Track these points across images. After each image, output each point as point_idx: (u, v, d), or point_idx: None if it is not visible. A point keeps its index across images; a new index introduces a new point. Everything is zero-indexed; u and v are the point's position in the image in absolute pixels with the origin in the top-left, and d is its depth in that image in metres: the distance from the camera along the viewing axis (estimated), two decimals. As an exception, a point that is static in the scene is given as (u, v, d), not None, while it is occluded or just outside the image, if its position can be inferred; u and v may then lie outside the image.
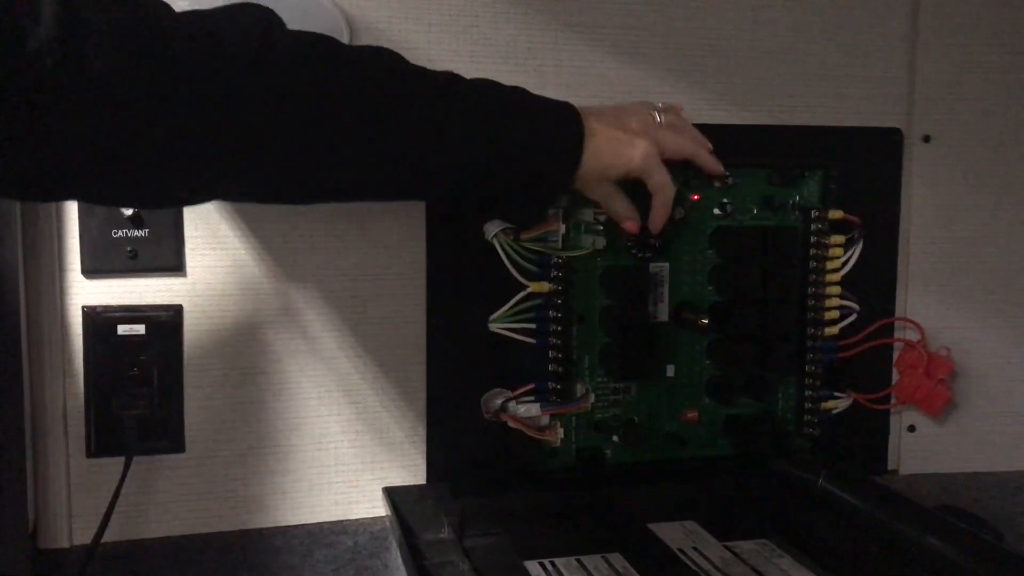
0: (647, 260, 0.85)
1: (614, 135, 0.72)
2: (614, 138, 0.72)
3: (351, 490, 0.84)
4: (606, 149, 0.71)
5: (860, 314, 0.90)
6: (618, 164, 0.72)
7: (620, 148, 0.72)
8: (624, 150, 0.72)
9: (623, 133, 0.72)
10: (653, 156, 0.73)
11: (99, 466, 0.78)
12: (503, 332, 0.83)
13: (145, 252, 0.77)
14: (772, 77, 0.90)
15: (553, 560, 0.72)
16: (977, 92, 0.93)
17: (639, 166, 0.73)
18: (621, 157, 0.72)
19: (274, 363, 0.81)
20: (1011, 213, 0.95)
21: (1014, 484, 0.97)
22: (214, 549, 0.81)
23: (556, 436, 0.85)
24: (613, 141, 0.72)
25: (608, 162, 0.72)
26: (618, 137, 0.72)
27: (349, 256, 0.82)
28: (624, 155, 0.72)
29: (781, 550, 0.75)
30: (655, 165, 0.74)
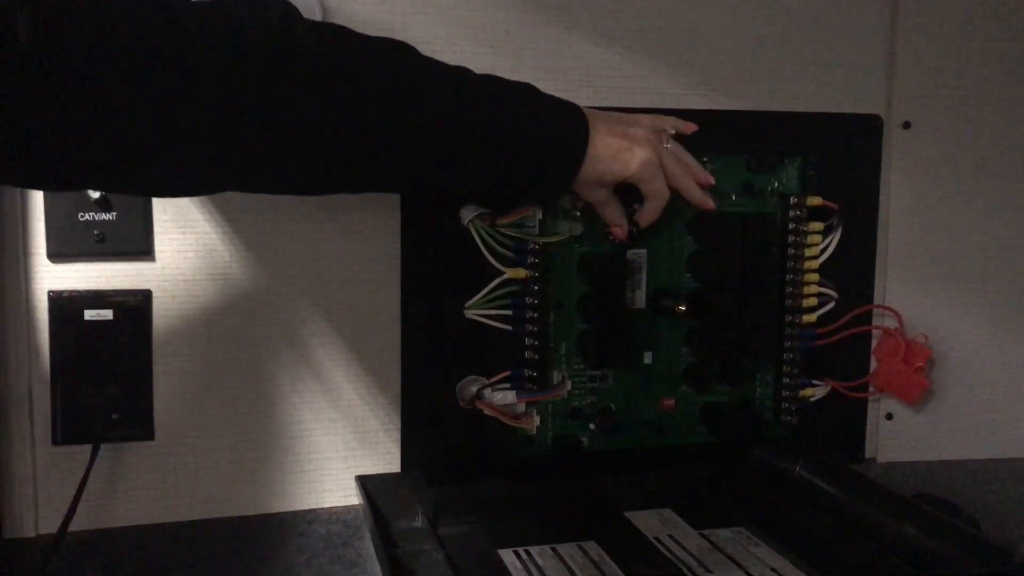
0: (625, 247, 0.84)
1: (616, 141, 0.73)
2: (616, 144, 0.73)
3: (324, 478, 0.83)
4: (606, 153, 0.72)
5: (838, 302, 0.90)
6: (616, 169, 0.73)
7: (620, 153, 0.73)
8: (624, 156, 0.73)
9: (625, 140, 0.73)
10: (652, 164, 0.74)
11: (66, 454, 0.76)
12: (479, 319, 0.82)
13: (113, 236, 0.76)
14: (751, 62, 0.89)
15: (528, 549, 0.72)
16: (957, 79, 0.93)
17: (637, 172, 0.74)
18: (620, 162, 0.73)
19: (245, 350, 0.80)
20: (990, 200, 0.94)
21: (990, 472, 0.97)
22: (184, 538, 0.79)
23: (532, 424, 0.84)
24: (614, 146, 0.73)
25: (607, 167, 0.73)
26: (619, 143, 0.73)
27: (322, 241, 0.81)
28: (623, 160, 0.73)
29: (758, 538, 0.75)
30: (653, 173, 0.75)
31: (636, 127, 0.75)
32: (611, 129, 0.73)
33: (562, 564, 0.70)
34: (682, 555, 0.71)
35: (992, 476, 0.97)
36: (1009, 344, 0.96)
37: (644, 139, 0.74)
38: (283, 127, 0.58)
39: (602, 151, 0.72)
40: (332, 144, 0.61)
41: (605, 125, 0.73)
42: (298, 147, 0.60)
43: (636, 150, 0.73)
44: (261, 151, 0.58)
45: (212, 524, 0.80)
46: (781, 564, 0.70)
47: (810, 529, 0.77)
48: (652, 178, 0.75)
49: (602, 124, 0.73)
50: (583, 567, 0.69)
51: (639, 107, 0.85)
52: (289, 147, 0.59)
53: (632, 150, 0.73)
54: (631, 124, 0.75)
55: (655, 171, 0.75)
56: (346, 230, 0.81)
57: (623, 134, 0.73)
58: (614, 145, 0.72)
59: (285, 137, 0.58)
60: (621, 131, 0.73)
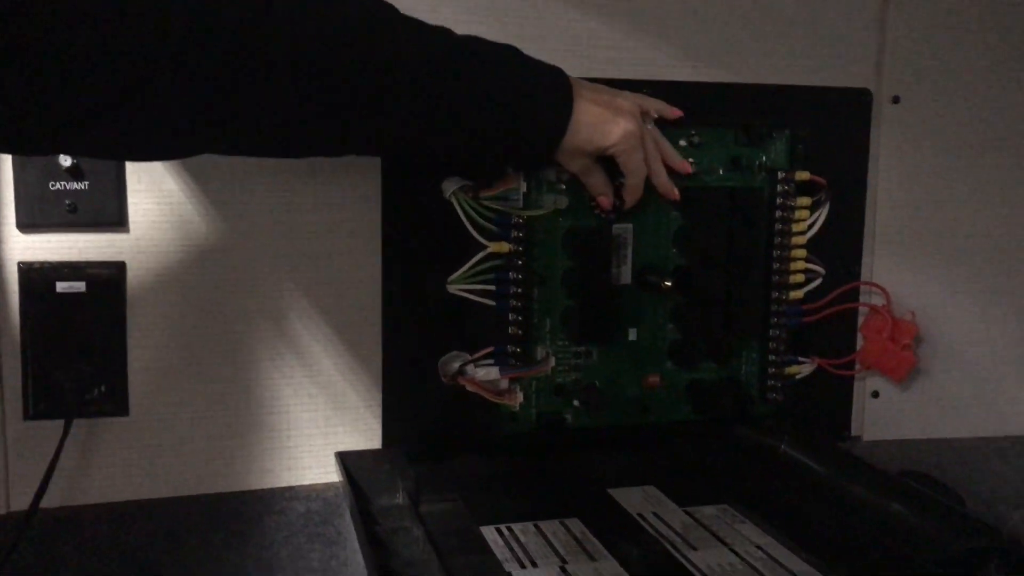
0: (611, 221, 0.83)
1: (600, 110, 0.72)
2: (599, 112, 0.72)
3: (304, 455, 0.81)
4: (589, 121, 0.71)
5: (825, 278, 0.89)
6: (597, 138, 0.72)
7: (603, 124, 0.72)
8: (607, 127, 0.72)
9: (609, 110, 0.72)
10: (633, 138, 0.73)
11: (37, 429, 0.75)
12: (461, 294, 0.81)
13: (85, 206, 0.74)
14: (741, 35, 0.87)
15: (510, 526, 0.71)
16: (947, 54, 0.92)
17: (618, 143, 0.73)
18: (601, 132, 0.72)
19: (222, 324, 0.78)
20: (979, 176, 0.94)
21: (976, 450, 0.97)
22: (159, 516, 0.78)
23: (515, 400, 0.83)
24: (598, 115, 0.72)
25: (588, 135, 0.72)
26: (603, 112, 0.72)
27: (301, 213, 0.79)
28: (605, 130, 0.72)
29: (742, 515, 0.74)
30: (634, 146, 0.74)
31: (621, 98, 0.74)
32: (595, 97, 0.72)
33: (545, 541, 0.69)
34: (666, 532, 0.71)
35: (977, 454, 0.97)
36: (996, 322, 0.96)
37: (628, 111, 0.73)
38: (258, 85, 0.56)
39: (585, 119, 0.71)
40: (308, 103, 0.59)
41: (589, 93, 0.72)
42: (273, 106, 0.58)
43: (620, 121, 0.72)
44: (234, 109, 0.57)
45: (188, 501, 0.79)
46: (766, 541, 0.70)
47: (795, 506, 0.77)
48: (632, 151, 0.74)
49: (586, 91, 0.71)
50: (566, 544, 0.68)
51: (626, 78, 0.84)
52: (264, 106, 0.57)
53: (616, 120, 0.72)
54: (616, 95, 0.74)
55: (636, 144, 0.74)
56: (326, 202, 0.79)
57: (607, 104, 0.72)
58: (598, 114, 0.71)
59: (260, 95, 0.57)
60: (606, 100, 0.72)
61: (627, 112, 0.73)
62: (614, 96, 0.74)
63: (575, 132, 0.71)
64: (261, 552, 0.80)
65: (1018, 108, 0.94)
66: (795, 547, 0.68)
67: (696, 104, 0.86)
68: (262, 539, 0.80)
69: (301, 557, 0.81)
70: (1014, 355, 0.97)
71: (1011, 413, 0.97)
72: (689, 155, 0.85)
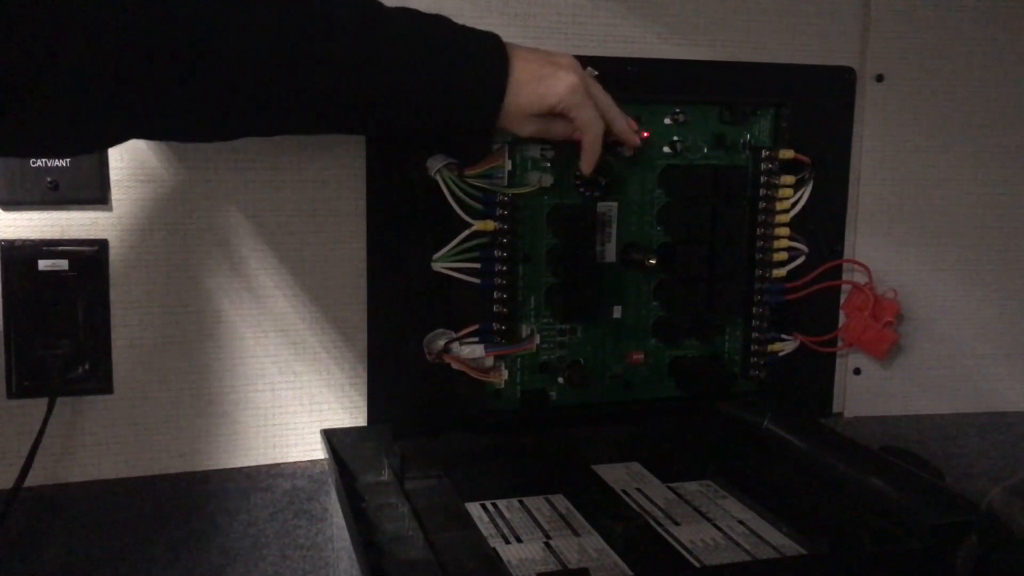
0: (595, 199, 0.83)
1: (538, 69, 0.70)
2: (538, 71, 0.69)
3: (289, 432, 0.81)
4: (529, 78, 0.69)
5: (808, 256, 0.90)
6: (541, 92, 0.70)
7: (544, 80, 0.69)
8: (548, 82, 0.70)
9: (549, 67, 0.70)
10: (579, 91, 0.71)
11: (21, 407, 0.74)
12: (446, 271, 0.81)
13: (67, 183, 0.73)
14: (724, 13, 0.87)
15: (495, 502, 0.71)
16: (931, 32, 0.92)
17: (565, 97, 0.70)
18: (545, 86, 0.69)
19: (207, 301, 0.78)
20: (962, 155, 0.94)
21: (956, 426, 0.98)
22: (144, 493, 0.78)
23: (500, 378, 0.83)
24: (537, 74, 0.69)
25: (531, 90, 0.69)
26: (542, 71, 0.70)
27: (285, 190, 0.78)
28: (548, 85, 0.70)
29: (725, 491, 0.75)
30: (581, 100, 0.71)
31: (559, 56, 0.72)
32: (532, 56, 0.70)
33: (529, 517, 0.69)
34: (649, 508, 0.71)
35: (957, 430, 0.98)
36: (977, 300, 0.97)
37: (568, 65, 0.71)
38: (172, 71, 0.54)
39: (524, 76, 0.69)
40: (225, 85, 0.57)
41: (525, 51, 0.70)
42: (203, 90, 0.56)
43: (561, 74, 0.70)
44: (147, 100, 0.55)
45: (173, 479, 0.79)
46: (748, 516, 0.70)
47: (777, 482, 0.77)
48: (582, 104, 0.72)
49: (522, 51, 0.70)
50: (550, 520, 0.69)
51: (611, 56, 0.84)
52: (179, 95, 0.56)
53: (557, 75, 0.70)
54: (555, 54, 0.72)
55: (583, 97, 0.72)
56: (310, 180, 0.79)
57: (545, 60, 0.70)
58: (536, 70, 0.69)
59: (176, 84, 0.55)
60: (543, 57, 0.70)
61: (567, 66, 0.71)
62: (550, 53, 0.72)
63: (516, 92, 0.69)
64: (247, 529, 0.81)
65: (1001, 86, 0.94)
66: (777, 522, 0.69)
67: (680, 82, 0.86)
68: (248, 516, 0.81)
69: (287, 534, 0.82)
70: (994, 332, 0.98)
71: (990, 390, 0.98)
72: (673, 133, 0.85)
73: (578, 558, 0.63)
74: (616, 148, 0.82)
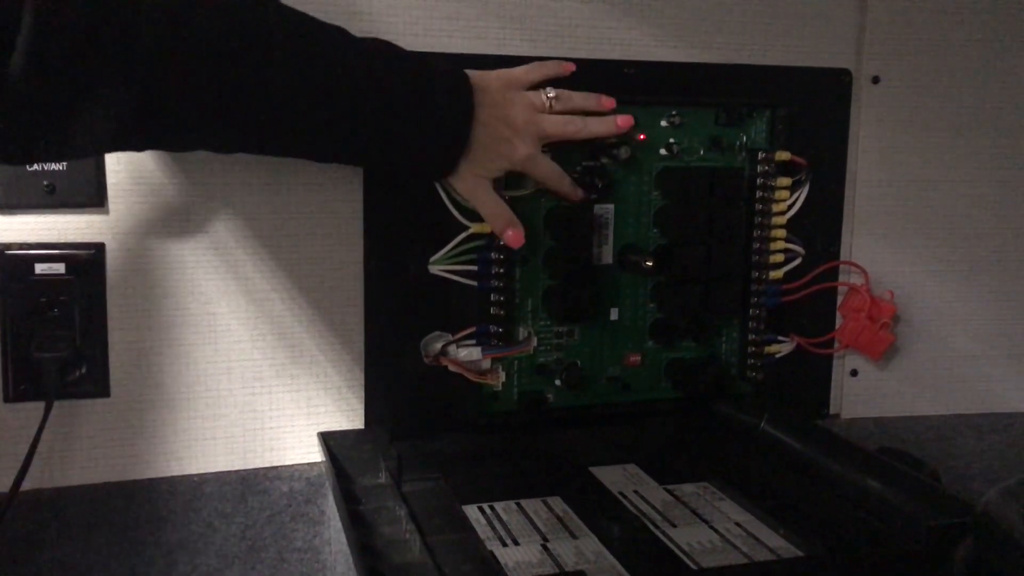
0: (592, 201, 0.83)
1: (496, 132, 0.72)
2: (495, 134, 0.72)
3: (286, 435, 0.81)
4: (485, 146, 0.72)
5: (805, 257, 0.90)
6: (491, 162, 0.74)
7: (500, 145, 0.73)
8: (503, 148, 0.73)
9: (506, 130, 0.73)
10: (532, 157, 0.75)
11: (17, 411, 0.74)
12: (443, 274, 0.81)
13: (63, 186, 0.73)
14: (720, 15, 0.87)
15: (492, 504, 0.71)
16: (927, 34, 0.92)
17: (516, 166, 0.75)
18: (497, 154, 0.73)
19: (204, 304, 0.78)
20: (958, 156, 0.94)
21: (952, 427, 0.98)
22: (141, 496, 0.78)
23: (498, 380, 0.84)
24: (494, 138, 0.72)
25: (485, 164, 0.73)
26: (500, 133, 0.73)
27: (282, 193, 0.78)
28: (502, 153, 0.73)
29: (722, 493, 0.75)
30: (535, 162, 0.75)
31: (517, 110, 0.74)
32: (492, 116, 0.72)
33: (526, 519, 0.69)
34: (647, 510, 0.71)
35: (954, 431, 0.98)
36: (973, 301, 0.97)
37: (522, 129, 0.74)
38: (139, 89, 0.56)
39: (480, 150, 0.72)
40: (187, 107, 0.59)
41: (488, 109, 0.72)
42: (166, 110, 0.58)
43: (516, 141, 0.73)
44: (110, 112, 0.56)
45: (170, 482, 0.79)
46: (745, 518, 0.70)
47: (774, 484, 0.78)
48: (536, 163, 0.76)
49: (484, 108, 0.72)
50: (548, 522, 0.69)
51: (608, 59, 0.84)
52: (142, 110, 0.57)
53: (512, 142, 0.73)
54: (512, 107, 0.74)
55: (536, 160, 0.76)
56: (307, 183, 0.79)
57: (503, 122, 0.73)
58: (494, 133, 0.72)
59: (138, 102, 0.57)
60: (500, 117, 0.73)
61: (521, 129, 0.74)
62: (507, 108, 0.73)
63: (472, 155, 0.72)
64: (244, 532, 0.81)
65: (997, 88, 0.94)
66: (774, 524, 0.69)
67: (677, 84, 0.86)
68: (245, 519, 0.80)
69: (284, 537, 0.82)
70: (990, 333, 0.98)
71: (986, 390, 0.98)
72: (670, 135, 0.85)
73: (575, 561, 0.63)
74: (612, 151, 0.82)
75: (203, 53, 0.58)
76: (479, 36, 0.80)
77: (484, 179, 0.75)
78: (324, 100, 0.64)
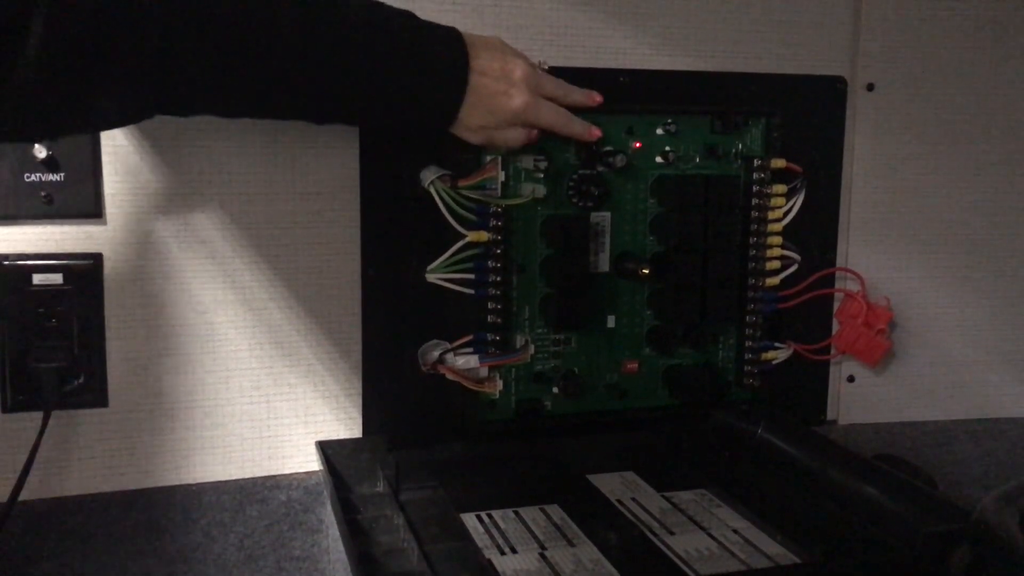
0: (588, 209, 0.83)
1: (493, 84, 0.72)
2: (493, 87, 0.72)
3: (284, 444, 0.82)
4: (483, 97, 0.72)
5: (801, 264, 0.90)
6: (491, 113, 0.73)
7: (497, 97, 0.73)
8: (501, 100, 0.73)
9: (503, 83, 0.73)
10: (531, 105, 0.75)
11: (16, 421, 0.74)
12: (440, 283, 0.81)
13: (61, 197, 0.73)
14: (716, 24, 0.88)
15: (490, 512, 0.72)
16: (921, 41, 0.92)
17: (517, 115, 0.74)
18: (496, 105, 0.73)
19: (202, 314, 0.78)
20: (953, 163, 0.95)
21: (948, 433, 0.98)
22: (139, 506, 0.78)
23: (495, 388, 0.84)
24: (491, 90, 0.72)
25: (483, 112, 0.73)
26: (497, 86, 0.73)
27: (279, 202, 0.79)
28: (500, 104, 0.73)
29: (720, 500, 0.75)
30: (535, 109, 0.75)
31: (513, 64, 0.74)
32: (489, 66, 0.72)
33: (524, 527, 0.69)
34: (644, 517, 0.71)
35: (950, 437, 0.98)
36: (968, 307, 0.97)
37: (521, 79, 0.74)
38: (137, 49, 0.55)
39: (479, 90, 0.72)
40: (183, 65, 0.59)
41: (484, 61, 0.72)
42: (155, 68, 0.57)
43: (513, 92, 0.73)
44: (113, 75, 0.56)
45: (169, 492, 0.79)
46: (743, 525, 0.71)
47: (771, 490, 0.78)
48: (537, 111, 0.76)
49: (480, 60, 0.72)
50: (545, 530, 0.69)
51: (603, 67, 0.84)
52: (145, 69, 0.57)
53: (509, 92, 0.73)
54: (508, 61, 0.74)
55: (536, 106, 0.75)
56: (304, 192, 0.79)
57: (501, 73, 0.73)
58: (491, 86, 0.72)
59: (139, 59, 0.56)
60: (498, 69, 0.73)
61: (519, 81, 0.73)
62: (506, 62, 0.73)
63: (470, 105, 0.72)
64: (243, 541, 0.81)
65: (991, 95, 0.95)
66: (771, 531, 0.69)
67: (672, 93, 0.86)
68: (244, 528, 0.81)
69: (283, 545, 0.82)
70: (986, 339, 0.98)
71: (982, 396, 0.99)
72: (665, 143, 0.85)
73: (573, 568, 0.63)
74: (608, 159, 0.82)
75: (211, 22, 0.59)
76: (475, 45, 0.81)
77: (491, 129, 0.75)
78: (322, 56, 0.65)
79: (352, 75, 0.67)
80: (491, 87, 0.72)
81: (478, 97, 0.72)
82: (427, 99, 0.71)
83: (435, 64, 0.70)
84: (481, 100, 0.72)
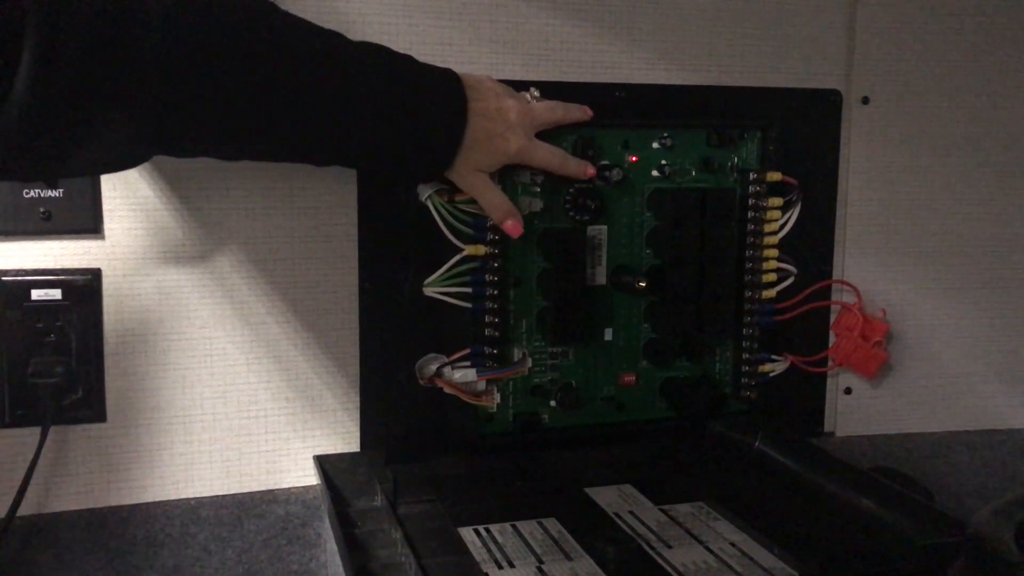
0: (585, 223, 0.84)
1: (490, 127, 0.73)
2: (490, 129, 0.73)
3: (282, 458, 0.82)
4: (480, 140, 0.73)
5: (797, 277, 0.90)
6: (488, 156, 0.74)
7: (494, 140, 0.74)
8: (497, 143, 0.74)
9: (500, 125, 0.74)
10: (526, 148, 0.76)
11: (14, 436, 0.75)
12: (438, 296, 0.81)
13: (59, 213, 0.74)
14: (711, 37, 0.88)
15: (488, 526, 0.71)
16: (916, 54, 0.93)
17: (513, 159, 0.75)
18: (493, 148, 0.74)
19: (199, 329, 0.78)
20: (948, 176, 0.95)
21: (945, 444, 0.98)
22: (137, 521, 0.78)
23: (493, 401, 0.84)
24: (488, 133, 0.73)
25: (480, 156, 0.74)
26: (494, 128, 0.73)
27: (277, 217, 0.79)
28: (497, 147, 0.74)
29: (717, 513, 0.75)
30: (531, 151, 0.76)
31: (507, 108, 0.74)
32: (486, 110, 0.73)
33: (522, 541, 0.69)
34: (642, 531, 0.71)
35: (946, 448, 0.98)
36: (965, 319, 0.98)
37: (516, 123, 0.75)
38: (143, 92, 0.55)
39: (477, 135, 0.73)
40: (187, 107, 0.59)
41: (482, 104, 0.73)
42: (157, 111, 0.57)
43: (509, 135, 0.74)
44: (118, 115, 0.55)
45: (167, 506, 0.79)
46: (740, 538, 0.71)
47: (769, 503, 0.78)
48: (532, 152, 0.76)
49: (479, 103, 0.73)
50: (543, 544, 0.69)
51: (599, 82, 0.85)
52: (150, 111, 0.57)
53: (506, 136, 0.74)
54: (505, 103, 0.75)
55: (532, 148, 0.76)
56: (302, 207, 0.80)
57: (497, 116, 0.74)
58: (489, 128, 0.73)
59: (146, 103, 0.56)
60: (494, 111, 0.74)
61: (515, 124, 0.75)
62: (501, 108, 0.74)
63: (468, 149, 0.73)
64: (241, 556, 0.81)
65: (986, 107, 0.95)
66: (769, 543, 0.69)
67: (668, 106, 0.87)
68: (242, 543, 0.81)
69: (280, 560, 0.82)
70: (983, 350, 0.98)
71: (979, 407, 0.99)
72: (661, 157, 0.86)
73: (570, 583, 0.63)
74: (604, 173, 0.82)
75: (210, 65, 0.59)
76: (472, 61, 0.81)
77: (483, 173, 0.75)
78: (323, 102, 0.65)
79: (353, 121, 0.67)
80: (489, 128, 0.73)
81: (475, 139, 0.72)
82: (426, 142, 0.71)
83: (434, 107, 0.71)
84: (478, 142, 0.73)
